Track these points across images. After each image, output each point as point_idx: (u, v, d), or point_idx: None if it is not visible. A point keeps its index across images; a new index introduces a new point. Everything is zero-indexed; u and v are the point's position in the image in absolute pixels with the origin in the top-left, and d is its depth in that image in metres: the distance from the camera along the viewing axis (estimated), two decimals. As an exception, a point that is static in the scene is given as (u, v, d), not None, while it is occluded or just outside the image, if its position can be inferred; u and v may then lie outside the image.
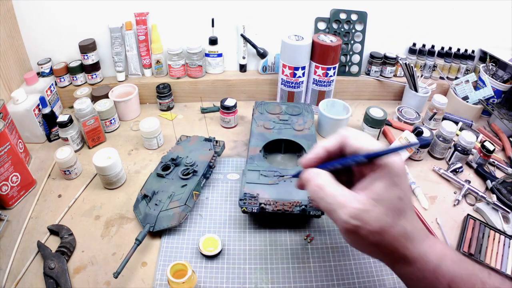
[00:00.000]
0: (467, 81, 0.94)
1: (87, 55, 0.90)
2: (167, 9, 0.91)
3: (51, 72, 0.91)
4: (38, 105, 0.79)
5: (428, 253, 0.41)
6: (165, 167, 0.68)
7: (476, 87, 0.95)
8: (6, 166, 0.62)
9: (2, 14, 0.79)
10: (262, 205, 0.58)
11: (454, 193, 0.72)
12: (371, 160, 0.42)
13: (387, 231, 0.40)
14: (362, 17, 0.95)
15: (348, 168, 0.45)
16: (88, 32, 0.90)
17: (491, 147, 0.75)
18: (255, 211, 0.59)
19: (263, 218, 0.63)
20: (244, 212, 0.60)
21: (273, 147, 0.76)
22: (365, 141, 0.43)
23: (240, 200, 0.60)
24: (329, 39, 0.86)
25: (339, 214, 0.41)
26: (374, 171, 0.42)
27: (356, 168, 0.45)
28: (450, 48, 1.00)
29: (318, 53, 0.85)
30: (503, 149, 0.86)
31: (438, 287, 0.41)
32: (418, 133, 0.75)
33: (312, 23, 0.97)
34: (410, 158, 0.79)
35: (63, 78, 0.92)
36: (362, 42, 0.98)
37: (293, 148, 0.76)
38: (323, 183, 0.43)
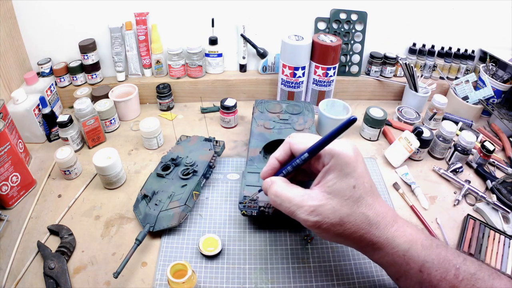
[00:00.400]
0: (467, 81, 0.94)
1: (87, 55, 0.90)
2: (167, 9, 0.91)
3: (51, 72, 0.91)
4: (38, 105, 0.79)
5: (397, 238, 0.42)
6: (165, 167, 0.68)
7: (476, 87, 0.95)
8: (6, 166, 0.62)
9: (2, 14, 0.79)
10: (262, 208, 0.58)
11: (454, 193, 0.72)
12: (314, 154, 0.44)
13: (347, 220, 0.41)
14: (362, 17, 0.95)
15: (300, 168, 0.47)
16: (88, 32, 0.90)
17: (491, 147, 0.75)
18: (255, 214, 0.59)
19: (263, 219, 0.63)
20: (243, 215, 0.60)
21: (274, 148, 0.76)
22: (308, 140, 0.45)
23: (240, 203, 0.59)
24: (329, 39, 0.86)
25: (299, 214, 0.43)
26: (325, 164, 0.43)
27: (311, 166, 0.47)
28: (450, 48, 1.00)
29: (318, 53, 0.85)
30: (503, 149, 0.86)
31: (409, 272, 0.41)
32: (418, 133, 0.75)
33: (312, 23, 0.97)
34: (410, 158, 0.79)
35: (63, 78, 0.92)
36: (362, 42, 0.98)
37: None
38: (278, 189, 0.45)
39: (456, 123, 0.91)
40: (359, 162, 0.42)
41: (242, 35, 0.95)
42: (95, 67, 0.93)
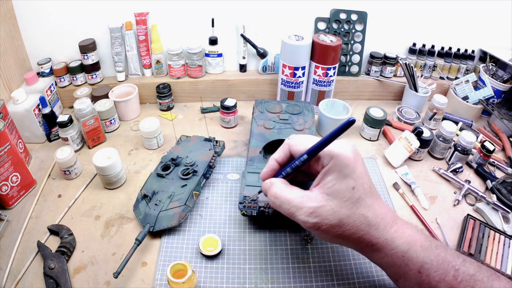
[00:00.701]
0: (467, 81, 0.94)
1: (87, 55, 0.90)
2: (167, 9, 0.91)
3: (51, 72, 0.91)
4: (38, 105, 0.79)
5: (396, 239, 0.42)
6: (165, 167, 0.68)
7: (476, 87, 0.95)
8: (6, 166, 0.62)
9: (2, 14, 0.79)
10: (262, 208, 0.58)
11: (454, 193, 0.72)
12: (313, 156, 0.44)
13: (346, 222, 0.41)
14: (362, 17, 0.95)
15: (299, 169, 0.47)
16: (88, 32, 0.90)
17: (491, 147, 0.75)
18: (255, 214, 0.59)
19: (263, 219, 0.63)
20: (243, 215, 0.60)
21: (274, 148, 0.76)
22: (307, 142, 0.45)
23: (240, 203, 0.59)
24: (329, 39, 0.86)
25: (298, 216, 0.43)
26: (324, 166, 0.43)
27: (311, 167, 0.47)
28: (450, 48, 1.00)
29: (318, 53, 0.85)
30: (503, 149, 0.86)
31: (408, 273, 0.41)
32: (418, 133, 0.75)
33: (312, 23, 0.97)
34: (410, 158, 0.79)
35: (63, 78, 0.92)
36: (362, 42, 0.98)
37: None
38: (277, 191, 0.45)
39: (456, 123, 0.91)
40: (358, 163, 0.42)
41: (242, 35, 0.95)
42: (95, 67, 0.93)
